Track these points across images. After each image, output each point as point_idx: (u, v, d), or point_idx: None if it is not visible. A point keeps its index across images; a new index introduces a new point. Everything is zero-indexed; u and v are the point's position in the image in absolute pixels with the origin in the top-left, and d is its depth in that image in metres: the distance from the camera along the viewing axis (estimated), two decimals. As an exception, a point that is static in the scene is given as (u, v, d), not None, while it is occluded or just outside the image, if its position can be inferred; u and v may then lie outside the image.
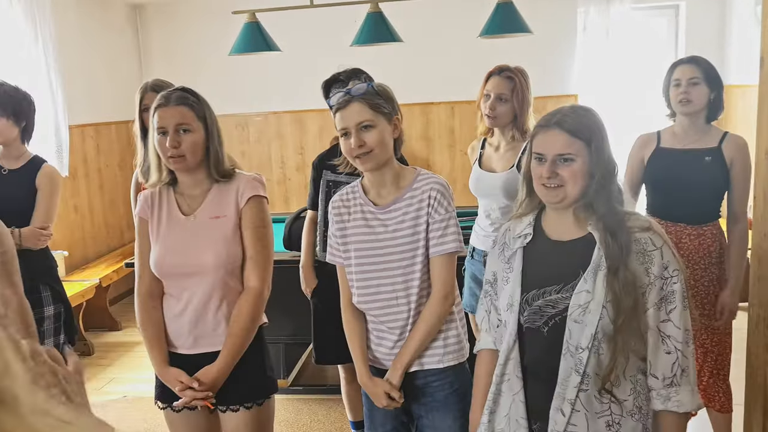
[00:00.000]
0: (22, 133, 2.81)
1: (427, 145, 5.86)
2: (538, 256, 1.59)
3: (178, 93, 1.88)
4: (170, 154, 1.84)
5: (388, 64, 5.47)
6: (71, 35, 4.96)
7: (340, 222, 1.92)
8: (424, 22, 5.45)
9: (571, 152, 1.50)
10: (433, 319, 1.84)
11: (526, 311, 1.55)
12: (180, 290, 1.92)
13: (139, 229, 1.98)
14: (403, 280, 1.84)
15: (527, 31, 3.36)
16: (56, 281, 2.88)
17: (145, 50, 6.00)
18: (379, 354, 1.93)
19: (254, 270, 1.91)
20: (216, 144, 1.91)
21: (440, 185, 1.85)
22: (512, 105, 2.64)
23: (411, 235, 1.83)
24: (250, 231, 1.90)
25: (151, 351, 1.93)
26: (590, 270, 1.48)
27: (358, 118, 1.78)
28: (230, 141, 6.05)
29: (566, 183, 1.50)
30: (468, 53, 5.27)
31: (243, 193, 1.91)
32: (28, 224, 2.74)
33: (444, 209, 1.83)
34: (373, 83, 1.87)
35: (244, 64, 5.51)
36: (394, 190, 1.87)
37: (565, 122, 1.51)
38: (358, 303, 1.92)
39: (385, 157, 1.83)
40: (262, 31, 3.59)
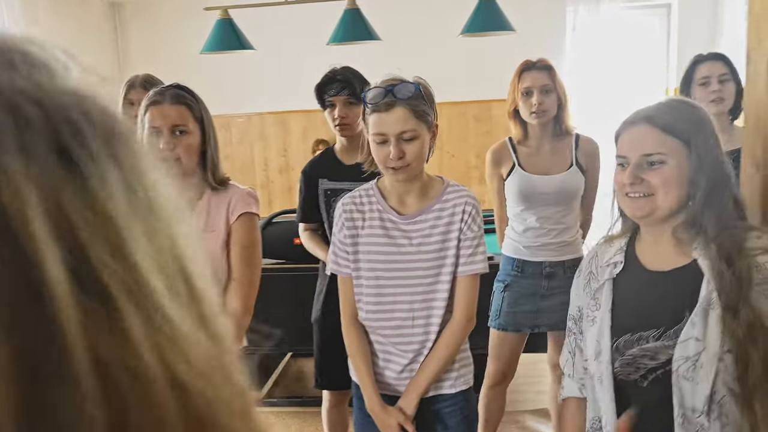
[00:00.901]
0: None
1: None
2: (632, 289, 1.30)
3: (174, 91, 1.74)
4: (164, 156, 1.68)
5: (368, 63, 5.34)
6: (44, 33, 4.80)
7: (352, 228, 1.74)
8: (404, 20, 5.32)
9: (662, 152, 1.21)
10: (454, 345, 1.71)
11: (617, 361, 1.25)
12: None
13: None
14: (423, 299, 1.70)
15: (510, 29, 3.23)
16: None
17: (124, 49, 5.85)
18: (385, 379, 1.76)
19: (236, 293, 1.76)
20: (212, 148, 1.77)
21: (473, 199, 1.72)
22: (557, 95, 2.45)
23: (438, 251, 1.68)
24: (237, 250, 1.76)
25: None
26: (698, 310, 1.16)
27: (401, 127, 1.58)
28: (212, 142, 5.92)
29: (656, 191, 1.21)
30: (451, 52, 5.14)
31: (235, 207, 1.77)
32: None
33: (477, 226, 1.70)
34: (420, 84, 1.63)
35: (227, 63, 5.37)
36: (420, 199, 1.71)
37: (657, 116, 1.24)
38: (365, 320, 1.75)
39: (420, 169, 1.68)
40: (235, 29, 3.45)
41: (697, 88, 2.46)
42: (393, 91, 1.59)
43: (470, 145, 5.67)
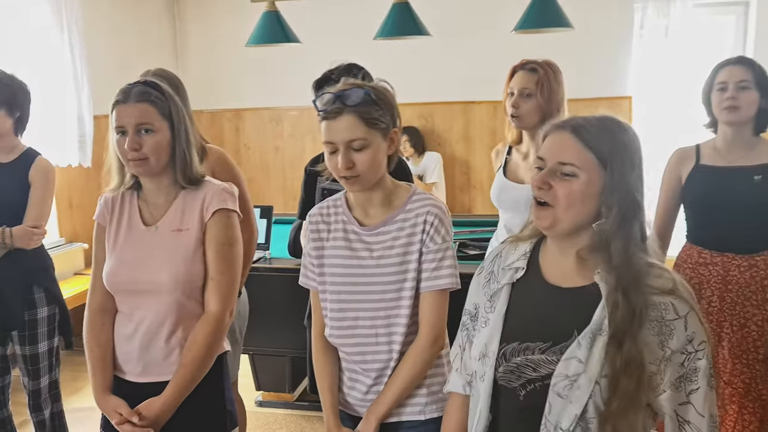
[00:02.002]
0: (16, 125, 2.66)
1: (467, 146, 5.55)
2: (528, 299, 1.28)
3: (139, 88, 1.66)
4: (130, 156, 1.62)
5: (417, 58, 5.23)
6: (102, 25, 4.87)
7: (318, 240, 1.66)
8: (456, 15, 5.17)
9: (576, 164, 1.18)
10: (418, 366, 1.58)
11: (501, 366, 1.25)
12: (132, 309, 1.71)
13: (96, 236, 1.79)
14: (385, 315, 1.58)
15: (567, 25, 3.04)
16: (52, 282, 2.74)
17: (182, 42, 5.89)
18: (351, 398, 1.66)
19: (215, 293, 1.69)
20: (183, 145, 1.69)
21: (438, 209, 1.59)
22: (537, 102, 2.30)
23: (399, 264, 1.57)
24: (213, 249, 1.69)
25: (93, 375, 1.72)
26: (587, 332, 1.16)
27: (348, 135, 1.50)
28: (264, 135, 5.91)
29: (557, 203, 1.19)
30: (510, 49, 4.94)
31: (209, 205, 1.69)
32: (22, 221, 2.60)
33: (441, 238, 1.57)
34: (371, 90, 1.54)
35: (281, 56, 5.34)
36: (384, 209, 1.62)
37: (583, 128, 1.20)
38: (330, 336, 1.66)
39: (376, 178, 1.58)
40: (281, 22, 3.38)
41: (715, 93, 2.26)
42: (342, 98, 1.50)
43: (526, 147, 5.48)
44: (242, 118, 5.94)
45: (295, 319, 3.02)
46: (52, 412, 2.77)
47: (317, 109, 1.55)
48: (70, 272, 4.38)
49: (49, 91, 4.14)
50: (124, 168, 1.71)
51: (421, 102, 5.41)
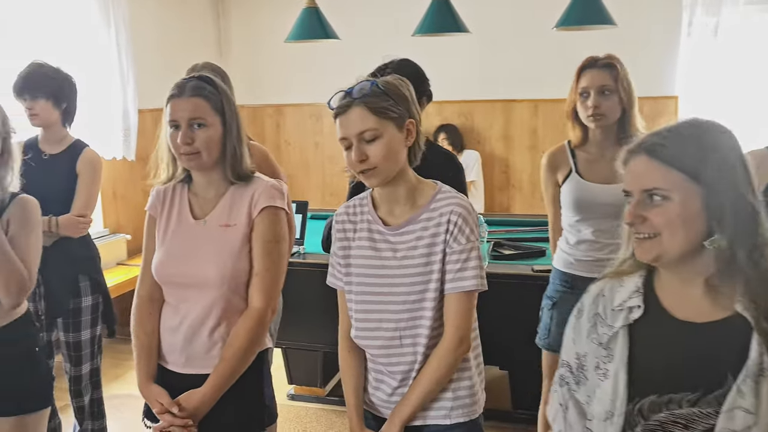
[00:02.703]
0: (63, 116, 2.74)
1: (507, 145, 5.50)
2: (656, 341, 1.10)
3: (194, 82, 1.67)
4: (182, 150, 1.64)
5: (456, 55, 5.19)
6: (148, 21, 4.96)
7: (344, 240, 1.65)
8: (496, 11, 5.11)
9: (664, 187, 1.05)
10: (443, 368, 1.55)
11: (638, 426, 1.07)
12: (178, 301, 1.73)
13: (147, 227, 1.81)
14: (409, 317, 1.55)
15: (610, 23, 2.98)
16: (96, 271, 2.82)
17: (226, 37, 5.97)
18: (376, 399, 1.65)
19: (258, 289, 1.69)
20: (234, 141, 1.70)
21: (463, 207, 1.55)
22: (619, 97, 2.22)
23: (423, 265, 1.54)
24: (259, 245, 1.69)
25: (137, 363, 1.75)
26: (747, 375, 0.98)
27: (358, 127, 1.49)
28: (304, 131, 5.96)
29: (660, 231, 1.06)
30: (552, 47, 4.88)
31: (257, 201, 1.69)
32: (69, 211, 2.67)
33: (465, 238, 1.53)
34: (378, 81, 1.53)
35: (323, 52, 5.37)
36: (409, 208, 1.58)
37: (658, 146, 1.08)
38: (356, 337, 1.64)
39: (394, 171, 1.54)
40: (321, 18, 3.39)
41: None
42: (351, 92, 1.50)
43: (567, 146, 5.40)
44: (283, 113, 6.00)
45: (328, 314, 3.02)
46: (91, 398, 2.84)
47: (331, 109, 1.55)
48: (113, 262, 4.48)
49: (95, 85, 4.25)
50: (176, 161, 1.72)
51: (461, 100, 5.38)
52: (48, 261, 2.65)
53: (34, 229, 1.89)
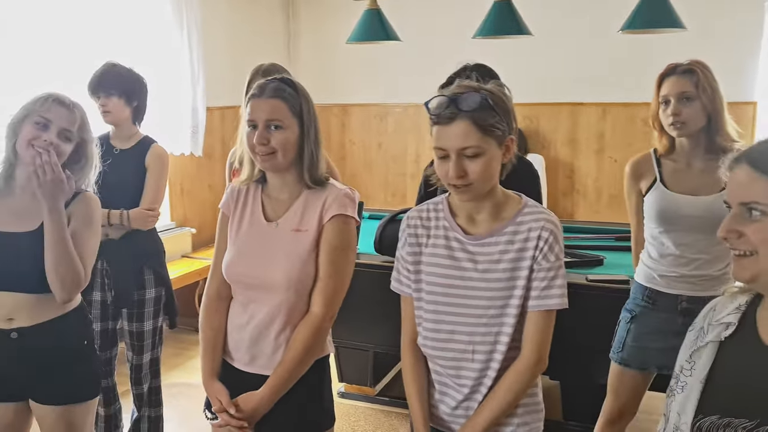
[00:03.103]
0: (134, 114, 2.85)
1: (573, 149, 5.37)
2: (737, 363, 1.07)
3: (274, 84, 1.67)
4: (257, 150, 1.64)
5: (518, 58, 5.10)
6: (219, 23, 5.11)
7: (415, 245, 1.58)
8: (559, 13, 5.02)
9: (761, 201, 0.99)
10: (519, 387, 1.50)
11: None
12: (247, 300, 1.74)
13: (219, 224, 1.82)
14: (485, 332, 1.50)
15: (679, 26, 2.87)
16: (161, 265, 2.92)
17: (294, 38, 6.08)
18: (439, 412, 1.60)
19: (320, 295, 1.67)
20: (312, 144, 1.68)
21: (552, 224, 1.49)
22: (701, 104, 2.11)
23: (507, 280, 1.48)
24: (326, 251, 1.67)
25: (203, 357, 1.77)
26: None
27: (461, 143, 1.41)
28: (368, 131, 6.00)
29: (757, 249, 1.00)
30: (622, 50, 4.73)
31: (329, 208, 1.67)
32: (138, 204, 2.78)
33: (555, 256, 1.48)
34: (488, 94, 1.43)
35: (388, 53, 5.40)
36: (491, 219, 1.53)
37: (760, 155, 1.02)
38: (423, 346, 1.59)
39: (488, 188, 1.49)
40: (382, 19, 3.40)
41: None
42: (456, 102, 1.41)
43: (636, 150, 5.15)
44: (348, 113, 6.06)
45: (379, 315, 3.05)
46: (150, 387, 2.95)
47: (429, 113, 1.47)
48: (178, 255, 4.64)
49: (167, 84, 4.40)
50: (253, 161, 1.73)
51: (526, 103, 5.30)
52: (116, 253, 2.78)
53: (94, 227, 1.93)
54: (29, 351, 1.86)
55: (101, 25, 4.00)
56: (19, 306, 1.85)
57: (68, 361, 1.91)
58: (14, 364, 1.87)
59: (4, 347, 1.86)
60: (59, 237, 1.80)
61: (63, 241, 1.81)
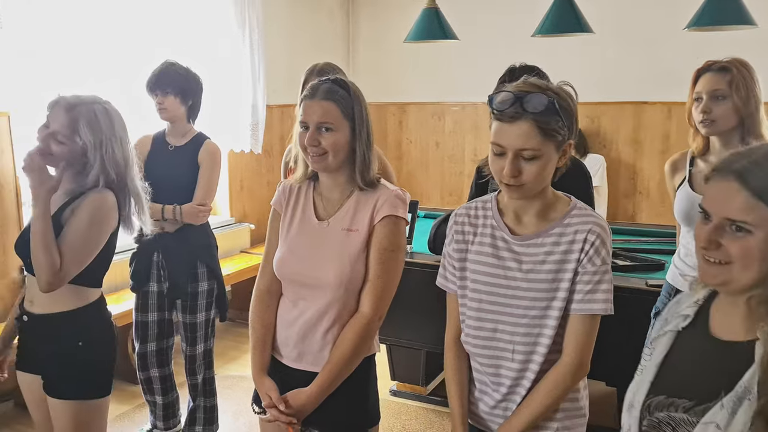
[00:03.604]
0: (189, 112, 2.92)
1: (635, 149, 5.23)
2: (687, 351, 1.14)
3: (327, 86, 1.68)
4: (309, 151, 1.66)
5: (578, 56, 5.00)
6: (280, 22, 5.19)
7: (462, 242, 1.58)
8: (622, 10, 4.89)
9: (749, 221, 1.00)
10: (559, 390, 1.48)
11: (645, 420, 1.13)
12: (296, 297, 1.76)
13: (271, 221, 1.84)
14: (526, 332, 1.49)
15: (749, 23, 2.75)
16: (213, 259, 2.99)
17: (354, 37, 6.12)
18: (478, 410, 1.60)
19: (369, 295, 1.68)
20: (363, 146, 1.69)
21: (600, 227, 1.47)
22: (733, 103, 2.06)
23: (550, 281, 1.47)
24: (376, 252, 1.68)
25: (253, 353, 1.80)
26: (733, 395, 1.00)
27: (521, 144, 1.39)
28: (425, 130, 5.99)
29: (734, 261, 1.02)
30: (688, 47, 4.57)
31: (380, 209, 1.68)
32: (191, 200, 2.86)
33: (601, 260, 1.46)
34: (555, 97, 1.40)
35: (447, 52, 5.38)
36: (539, 219, 1.51)
37: (751, 174, 1.01)
38: (465, 343, 1.59)
39: (539, 189, 1.48)
40: (440, 19, 3.39)
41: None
42: (522, 101, 1.38)
43: (703, 153, 5.06)
44: (406, 112, 6.06)
45: (432, 315, 3.04)
46: (204, 377, 3.03)
47: (492, 107, 1.44)
48: (236, 250, 4.74)
49: (228, 82, 4.51)
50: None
51: (588, 102, 5.19)
52: (171, 246, 2.87)
53: (88, 225, 1.91)
54: (37, 338, 1.96)
55: (167, 23, 4.13)
56: (37, 292, 1.91)
57: (80, 356, 1.95)
58: (26, 340, 2.00)
59: (20, 323, 2.00)
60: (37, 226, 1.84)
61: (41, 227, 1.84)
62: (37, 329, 1.95)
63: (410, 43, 3.74)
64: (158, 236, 2.81)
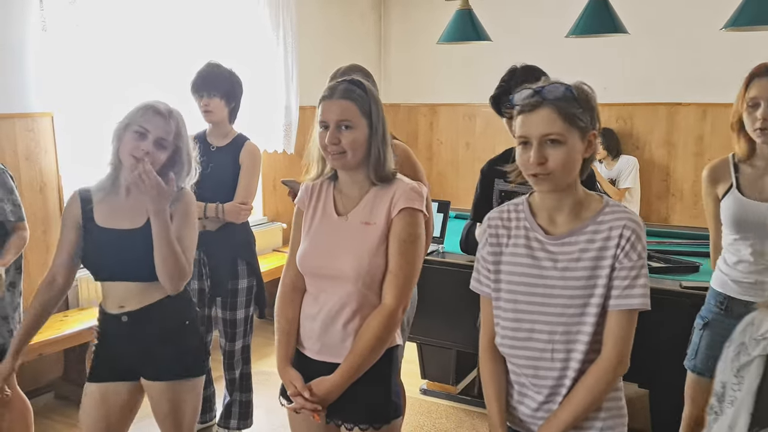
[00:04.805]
0: (230, 114, 2.99)
1: (669, 151, 5.17)
2: None
3: (344, 86, 1.75)
4: (329, 150, 1.72)
5: (616, 56, 4.97)
6: (313, 24, 5.25)
7: (496, 245, 1.60)
8: (659, 10, 4.84)
9: None
10: (600, 387, 1.48)
11: None
12: (318, 291, 1.82)
13: (294, 219, 1.92)
14: (565, 330, 1.50)
15: (789, 23, 2.71)
16: (252, 256, 3.05)
17: (385, 38, 6.16)
18: (519, 413, 1.60)
19: (391, 287, 1.73)
20: (379, 143, 1.75)
21: (635, 223, 1.48)
22: None
23: (587, 279, 1.48)
24: (395, 244, 1.73)
25: (278, 346, 1.86)
26: None
27: (545, 129, 1.43)
28: (456, 131, 6.00)
29: None
30: (724, 47, 4.51)
31: (397, 202, 1.74)
32: (233, 199, 2.92)
33: (637, 254, 1.47)
34: (572, 86, 1.47)
35: (478, 52, 5.39)
36: (572, 218, 1.53)
37: None
38: (501, 346, 1.60)
39: (567, 180, 1.49)
40: (474, 20, 3.41)
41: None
42: (541, 92, 1.44)
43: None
44: (437, 113, 6.08)
45: (463, 314, 3.06)
46: (241, 373, 3.09)
47: (513, 105, 1.50)
48: (269, 248, 4.81)
49: (262, 83, 4.58)
50: (324, 159, 1.82)
51: (620, 103, 5.15)
52: (213, 244, 2.93)
53: (191, 221, 2.06)
54: (138, 331, 2.01)
55: (204, 26, 4.21)
56: (130, 294, 2.00)
57: (171, 340, 2.04)
58: (126, 344, 2.02)
59: (117, 330, 2.02)
60: (165, 237, 1.93)
61: (168, 240, 1.94)
62: (143, 320, 2.01)
63: (442, 45, 3.77)
64: (200, 234, 2.88)
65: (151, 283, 1.99)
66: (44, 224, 3.51)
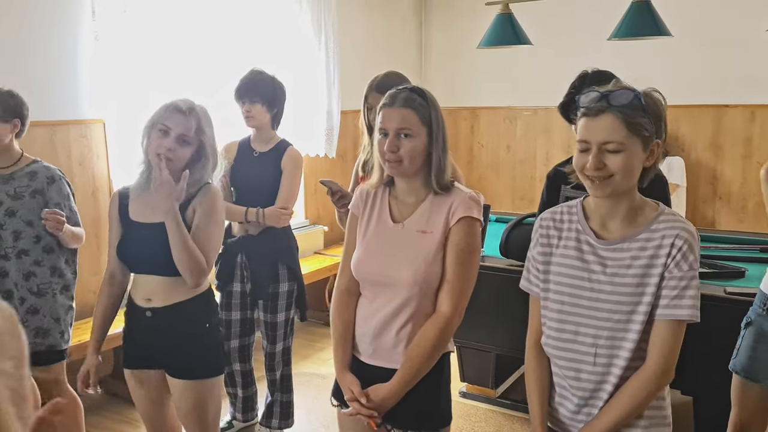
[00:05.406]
0: (273, 119, 3.05)
1: (715, 154, 5.07)
2: None
3: (405, 94, 1.75)
4: (387, 157, 1.74)
5: (671, 58, 4.88)
6: (355, 29, 5.30)
7: (547, 246, 1.61)
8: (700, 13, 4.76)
9: None
10: (642, 396, 1.48)
11: None
12: (373, 296, 1.83)
13: (349, 224, 1.92)
14: (609, 336, 1.50)
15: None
16: (293, 260, 3.10)
17: (426, 43, 6.19)
18: (559, 415, 1.61)
19: (448, 295, 1.73)
20: (439, 151, 1.75)
21: (688, 233, 1.46)
22: None
23: (636, 286, 1.47)
24: (453, 253, 1.73)
25: (335, 350, 1.88)
26: None
27: (605, 136, 1.42)
28: (497, 134, 5.99)
29: None
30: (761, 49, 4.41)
31: (455, 211, 1.74)
32: (274, 203, 2.98)
33: (688, 265, 1.45)
34: (641, 93, 1.45)
35: (518, 56, 5.37)
36: (625, 224, 1.52)
37: None
38: (545, 345, 1.61)
39: (625, 187, 1.48)
40: (514, 24, 3.41)
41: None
42: (608, 97, 1.42)
43: (789, 157, 4.85)
44: (477, 116, 6.08)
45: (502, 318, 3.07)
46: (282, 374, 3.15)
47: (579, 106, 1.49)
48: (311, 251, 4.87)
49: (304, 88, 4.65)
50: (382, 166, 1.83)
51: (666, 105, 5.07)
52: (254, 248, 3.00)
53: (216, 217, 2.10)
54: (161, 328, 2.09)
55: (248, 32, 4.30)
56: (157, 288, 2.07)
57: (192, 340, 2.11)
58: (150, 336, 2.11)
59: (142, 322, 2.11)
60: (177, 235, 1.99)
61: (180, 237, 1.99)
62: (167, 318, 2.08)
63: (482, 49, 3.77)
64: (242, 238, 2.95)
65: (177, 279, 2.05)
66: (95, 228, 3.64)
